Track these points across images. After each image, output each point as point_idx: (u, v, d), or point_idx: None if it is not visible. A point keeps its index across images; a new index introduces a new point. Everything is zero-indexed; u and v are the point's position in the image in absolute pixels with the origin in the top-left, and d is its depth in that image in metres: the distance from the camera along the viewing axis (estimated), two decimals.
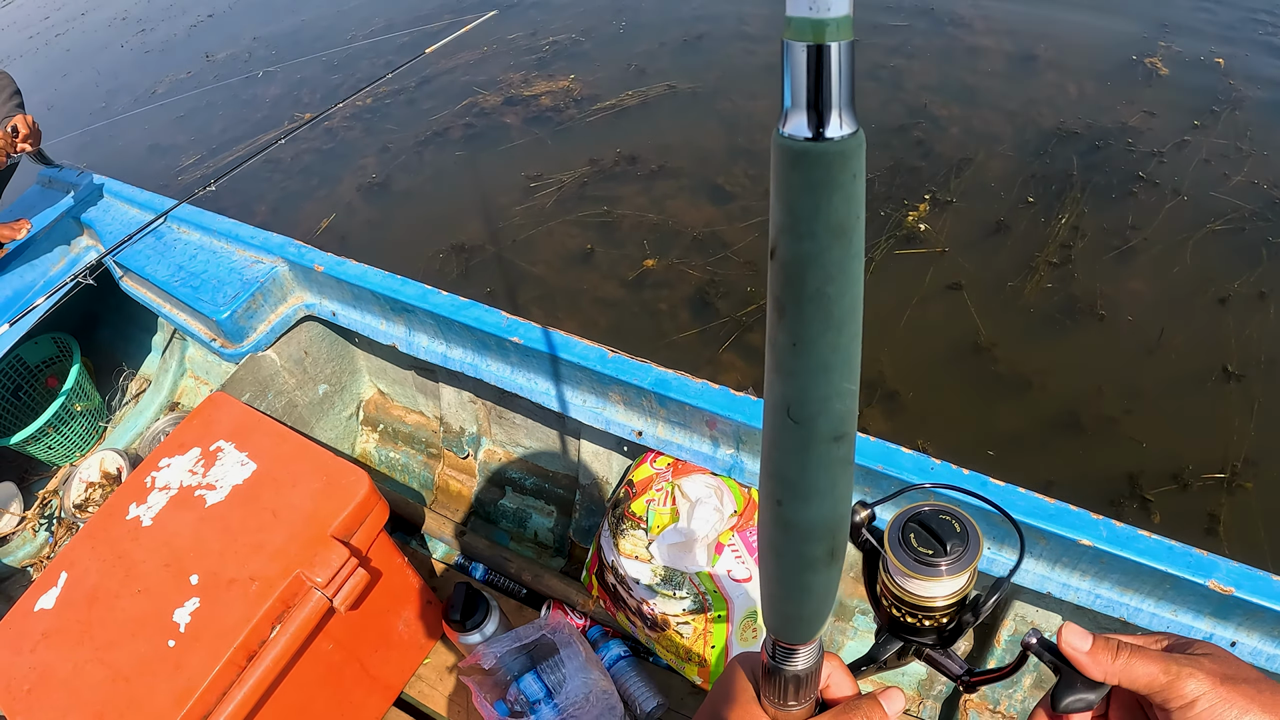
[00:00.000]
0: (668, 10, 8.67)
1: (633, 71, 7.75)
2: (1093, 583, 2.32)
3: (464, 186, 6.85)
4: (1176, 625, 2.26)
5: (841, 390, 0.63)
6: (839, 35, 0.51)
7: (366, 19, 9.97)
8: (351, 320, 3.24)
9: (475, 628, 2.64)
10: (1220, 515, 4.02)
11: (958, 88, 6.95)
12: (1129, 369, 4.61)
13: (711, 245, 5.68)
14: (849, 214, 0.55)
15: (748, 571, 2.58)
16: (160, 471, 2.56)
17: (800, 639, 0.82)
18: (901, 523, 0.97)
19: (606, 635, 2.90)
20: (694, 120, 6.98)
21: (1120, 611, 2.29)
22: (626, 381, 2.61)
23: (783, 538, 0.72)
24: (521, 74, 8.06)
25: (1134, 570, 2.19)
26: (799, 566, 0.74)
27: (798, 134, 0.53)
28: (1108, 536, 2.17)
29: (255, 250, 3.30)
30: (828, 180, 0.53)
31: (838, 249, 0.56)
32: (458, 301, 2.89)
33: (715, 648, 2.61)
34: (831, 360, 0.61)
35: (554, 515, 3.36)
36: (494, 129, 7.38)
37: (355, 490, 2.38)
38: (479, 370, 2.98)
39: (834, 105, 0.52)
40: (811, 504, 0.69)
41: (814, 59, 0.51)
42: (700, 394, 2.51)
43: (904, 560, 0.95)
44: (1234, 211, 5.41)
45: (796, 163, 0.54)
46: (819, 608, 0.78)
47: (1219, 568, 2.11)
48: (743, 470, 2.60)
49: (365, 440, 3.75)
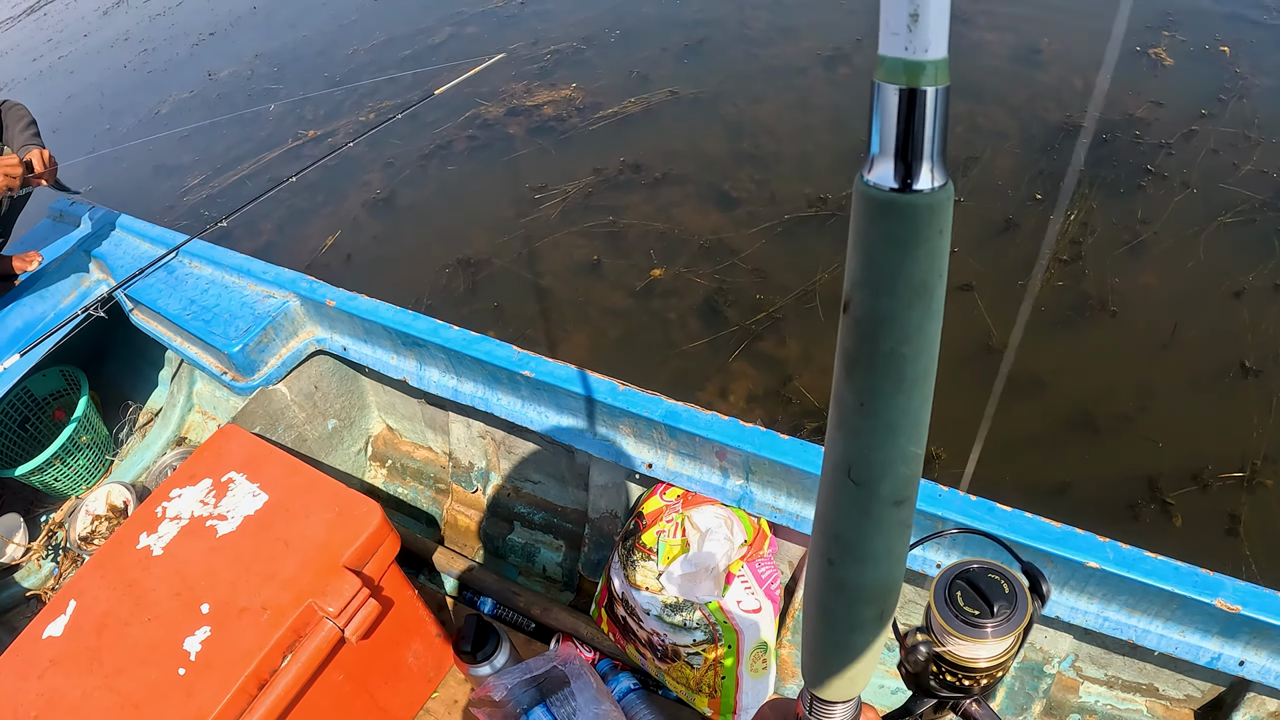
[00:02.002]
0: (668, 16, 8.65)
1: (635, 78, 7.73)
2: (1100, 605, 2.31)
3: (469, 200, 6.85)
4: (1185, 645, 2.26)
5: (907, 454, 0.61)
6: (935, 80, 0.49)
7: (367, 32, 9.97)
8: (363, 355, 3.25)
9: (486, 659, 2.65)
10: (1241, 515, 3.99)
11: (962, 85, 6.92)
12: (1143, 366, 4.59)
13: (719, 253, 5.67)
14: (932, 271, 0.54)
15: (757, 602, 2.58)
16: (171, 502, 2.56)
17: (840, 697, 0.80)
18: (948, 580, 0.97)
19: (616, 668, 2.90)
20: (698, 126, 6.97)
21: (1128, 634, 2.30)
22: (637, 414, 2.61)
23: (833, 597, 0.70)
24: (524, 84, 8.05)
25: (1141, 591, 2.19)
26: (847, 627, 0.72)
27: (883, 183, 0.52)
28: (1114, 558, 2.17)
29: (267, 285, 3.32)
30: (914, 235, 0.52)
31: (918, 308, 0.54)
32: (469, 336, 2.90)
33: (725, 679, 2.61)
34: (900, 423, 0.59)
35: (563, 550, 3.36)
36: (498, 140, 7.37)
37: (368, 521, 2.39)
38: (490, 404, 2.99)
39: (926, 155, 0.51)
40: (866, 567, 0.67)
41: (906, 103, 0.50)
42: (710, 425, 2.52)
43: (949, 619, 0.94)
44: (1244, 202, 5.38)
45: (882, 214, 0.52)
46: (863, 668, 0.76)
47: (1225, 586, 2.12)
48: (752, 500, 2.60)
49: (373, 475, 3.76)
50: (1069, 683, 2.69)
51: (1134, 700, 2.65)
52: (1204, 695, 2.60)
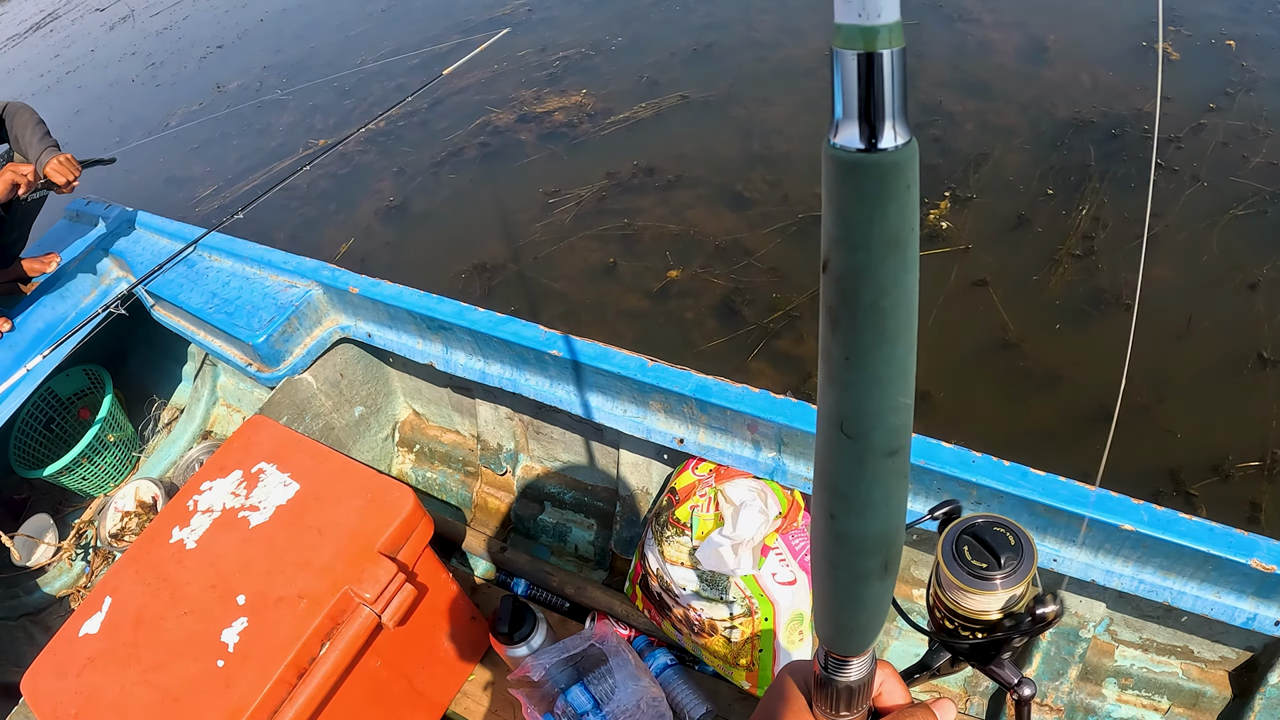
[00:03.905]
0: (676, 21, 8.68)
1: (645, 83, 7.75)
2: (1135, 568, 2.32)
3: (482, 206, 6.85)
4: (1220, 607, 2.26)
5: (896, 404, 0.62)
6: (890, 42, 0.50)
7: (375, 43, 10.00)
8: (387, 341, 3.25)
9: (523, 640, 2.65)
10: (1262, 503, 3.99)
11: (971, 83, 6.94)
12: (1159, 359, 4.59)
13: (734, 253, 5.67)
14: (903, 225, 0.54)
15: (792, 574, 2.58)
16: (202, 495, 2.57)
17: (853, 650, 0.82)
18: (954, 535, 0.98)
19: (652, 644, 2.90)
20: (709, 129, 6.98)
21: (1164, 596, 2.30)
22: (667, 389, 2.61)
23: (836, 550, 0.72)
24: (533, 90, 8.07)
25: (1175, 553, 2.20)
26: (853, 579, 0.73)
27: (849, 145, 0.52)
28: (1149, 520, 2.17)
29: (288, 275, 3.32)
30: (882, 192, 0.53)
31: (892, 261, 0.55)
32: (494, 317, 2.90)
33: (763, 651, 2.61)
34: (886, 374, 0.60)
35: (594, 528, 3.35)
36: (509, 147, 7.39)
37: (400, 506, 2.39)
38: (517, 385, 2.99)
39: (887, 114, 0.51)
40: (866, 518, 0.68)
41: (864, 67, 0.51)
42: (741, 398, 2.52)
43: (957, 573, 0.96)
44: (1255, 195, 5.39)
45: (849, 174, 0.53)
46: (872, 620, 0.78)
47: (1260, 547, 2.12)
48: (785, 473, 2.60)
49: (402, 461, 3.76)
50: (1104, 647, 2.70)
51: (1169, 663, 2.66)
52: (1238, 657, 2.61)
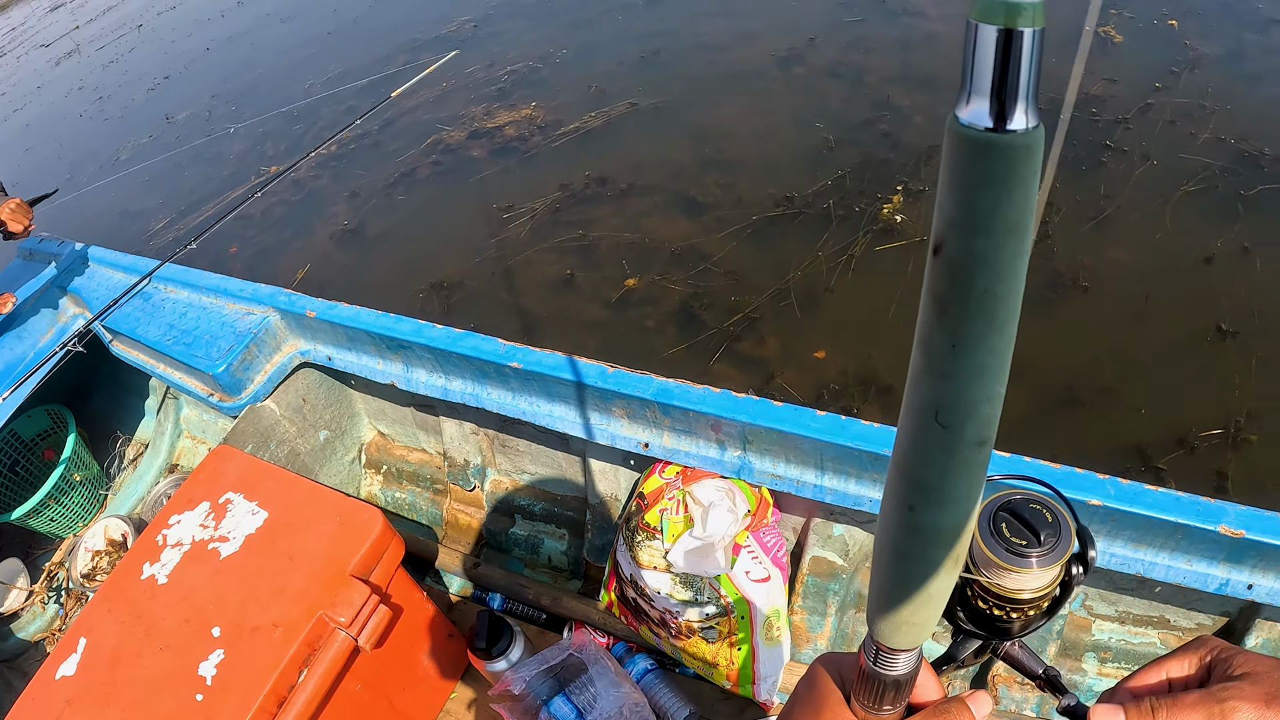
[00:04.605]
0: (623, 29, 8.71)
1: (594, 93, 7.78)
2: (1106, 542, 2.34)
3: (437, 224, 6.86)
4: (1192, 575, 2.29)
5: (992, 394, 0.61)
6: (1033, 21, 0.49)
7: (323, 67, 9.99)
8: (348, 363, 3.24)
9: (501, 654, 2.64)
10: (1228, 472, 4.07)
11: (918, 76, 7.00)
12: (1120, 338, 4.64)
13: (691, 258, 5.70)
14: (1027, 210, 0.53)
15: (765, 571, 2.60)
16: (171, 529, 2.55)
17: (908, 644, 0.80)
18: (991, 512, 0.96)
19: (631, 650, 2.90)
20: (660, 135, 7.02)
21: (1136, 568, 2.32)
22: (629, 394, 2.62)
23: (910, 542, 0.71)
24: (483, 106, 8.08)
25: (1144, 524, 2.22)
26: (924, 572, 0.72)
27: (977, 122, 0.51)
28: (1116, 494, 2.20)
29: (245, 302, 3.31)
30: (1010, 175, 0.51)
31: (1011, 247, 0.54)
32: (453, 333, 2.90)
33: (741, 650, 2.62)
34: (989, 363, 0.59)
35: (566, 538, 3.35)
36: (461, 164, 7.40)
37: (370, 528, 2.39)
38: (480, 399, 2.99)
39: (1022, 95, 0.51)
40: (947, 509, 0.67)
41: (1003, 44, 0.49)
42: (703, 399, 2.53)
43: (995, 551, 0.93)
44: (1205, 170, 5.46)
45: (979, 154, 0.51)
46: (933, 613, 0.77)
47: (1227, 513, 2.15)
48: (752, 470, 2.61)
49: (370, 483, 3.74)
50: (1081, 622, 2.73)
51: (1146, 633, 2.70)
52: (1214, 623, 2.64)
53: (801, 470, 2.58)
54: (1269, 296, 4.73)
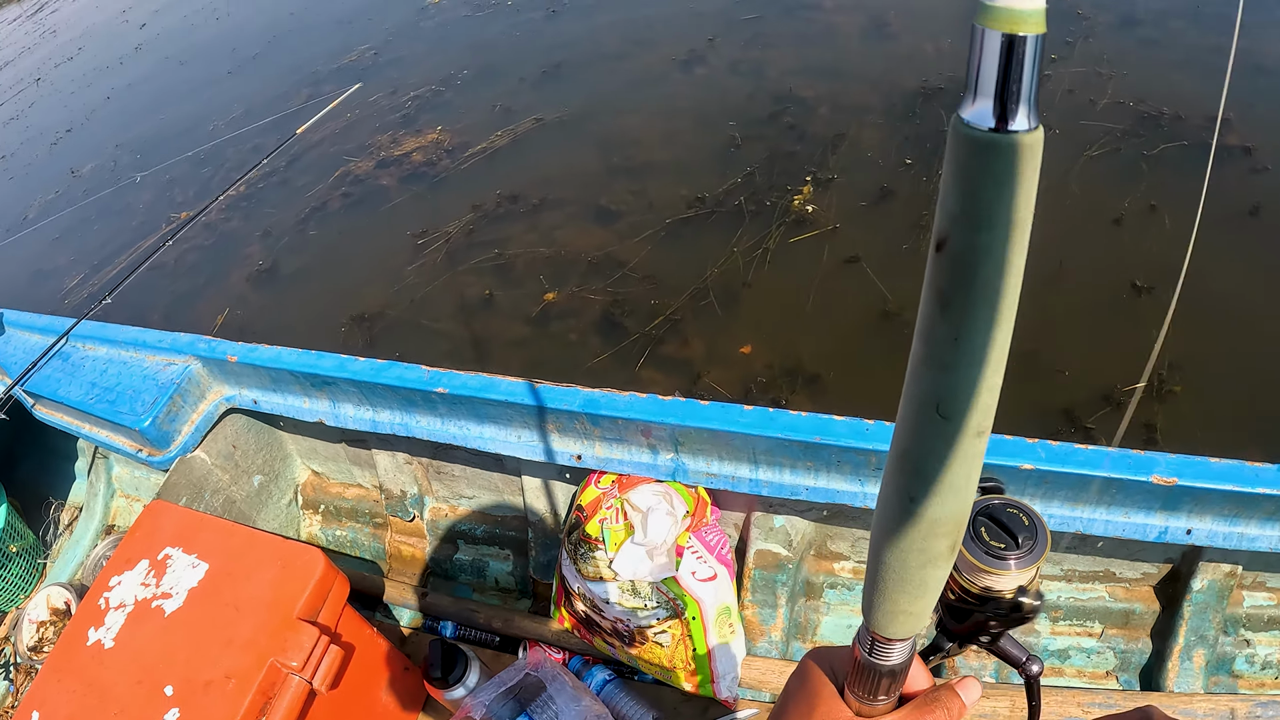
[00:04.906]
0: (523, 45, 8.73)
1: (499, 111, 7.79)
2: (1042, 505, 2.38)
3: (353, 257, 6.82)
4: (1131, 527, 2.34)
5: (992, 385, 0.63)
6: (1035, 27, 0.51)
7: (226, 107, 9.89)
8: (274, 405, 3.22)
9: (458, 682, 2.64)
10: (1156, 423, 4.17)
11: (819, 67, 7.09)
12: (1039, 305, 4.71)
13: (607, 267, 5.73)
14: (1026, 207, 0.56)
15: (711, 570, 2.62)
16: (112, 591, 2.53)
17: (904, 633, 0.82)
18: (971, 516, 0.98)
19: (588, 663, 2.91)
20: (568, 148, 7.05)
21: (1075, 526, 2.37)
22: (556, 408, 2.63)
23: (910, 533, 0.72)
24: (389, 134, 8.05)
25: (1078, 483, 2.27)
26: (922, 562, 0.74)
27: (980, 123, 0.54)
28: (1046, 456, 2.24)
29: (165, 353, 3.27)
30: (1012, 173, 0.54)
31: (1013, 241, 0.57)
32: (376, 365, 2.89)
33: (697, 650, 2.64)
34: (990, 355, 0.62)
35: (511, 558, 3.35)
36: (372, 194, 7.37)
37: (313, 569, 2.38)
38: (410, 429, 2.97)
39: (1024, 97, 0.53)
40: (947, 500, 0.69)
41: (1007, 49, 0.52)
42: (630, 406, 2.55)
43: (976, 555, 0.97)
44: (1107, 134, 5.58)
45: (981, 152, 0.54)
46: (929, 602, 0.79)
47: (1157, 462, 2.20)
48: (686, 471, 2.64)
49: (309, 523, 3.72)
50: None
51: (1094, 588, 2.75)
52: (1160, 571, 2.71)
53: (735, 466, 2.60)
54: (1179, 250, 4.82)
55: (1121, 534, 2.36)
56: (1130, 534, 2.36)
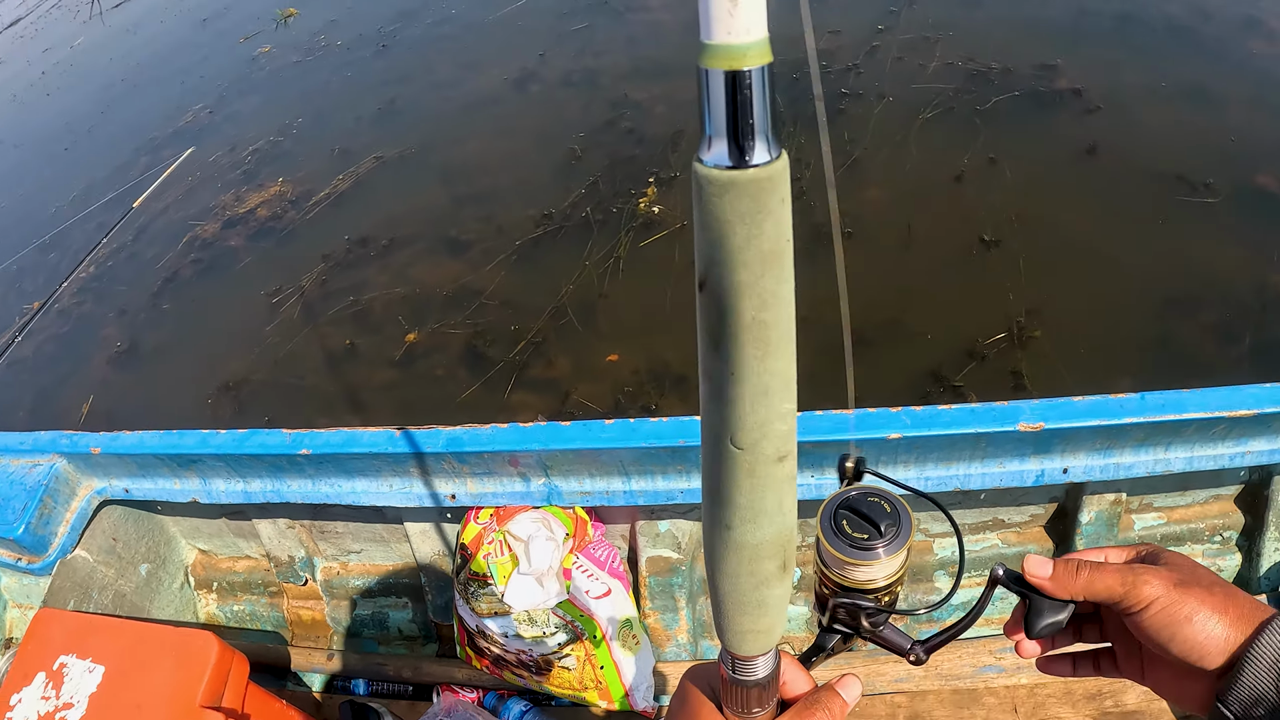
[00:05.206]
0: (355, 85, 8.66)
1: (338, 155, 7.71)
2: (917, 470, 2.44)
3: (211, 325, 6.69)
4: (1008, 475, 2.40)
5: (782, 412, 0.64)
6: (758, 59, 0.51)
7: (66, 186, 9.59)
8: (146, 491, 3.16)
9: None
10: (1021, 370, 4.30)
11: (652, 68, 7.16)
12: (893, 271, 4.84)
13: (464, 298, 5.73)
14: (780, 238, 0.56)
15: (605, 585, 2.67)
16: (14, 710, 2.48)
17: (759, 650, 0.82)
18: (831, 511, 0.98)
19: (503, 697, 2.92)
20: (410, 183, 7.02)
21: (953, 484, 2.43)
22: (422, 452, 2.64)
23: (736, 559, 0.72)
24: (232, 193, 7.90)
25: (948, 443, 2.33)
26: (754, 584, 0.74)
27: (720, 163, 0.53)
28: (912, 423, 2.29)
29: (28, 455, 3.19)
30: (758, 207, 0.54)
31: (771, 276, 0.57)
32: (238, 435, 2.86)
33: (605, 667, 2.67)
34: (771, 385, 0.62)
35: (409, 606, 3.35)
36: (222, 257, 7.23)
37: (206, 653, 2.36)
38: (282, 494, 2.95)
39: (758, 131, 0.53)
40: (762, 524, 0.69)
41: (732, 85, 0.52)
42: (493, 438, 2.57)
43: (840, 549, 0.95)
44: (939, 96, 5.74)
45: (724, 192, 0.54)
46: (776, 619, 0.79)
47: (1021, 410, 2.26)
48: (560, 494, 2.66)
49: (205, 604, 3.66)
50: (921, 546, 2.87)
51: (986, 538, 2.83)
52: (1046, 511, 2.79)
53: (608, 481, 2.63)
54: (1021, 198, 4.98)
55: (1000, 484, 2.42)
56: (1009, 482, 2.42)
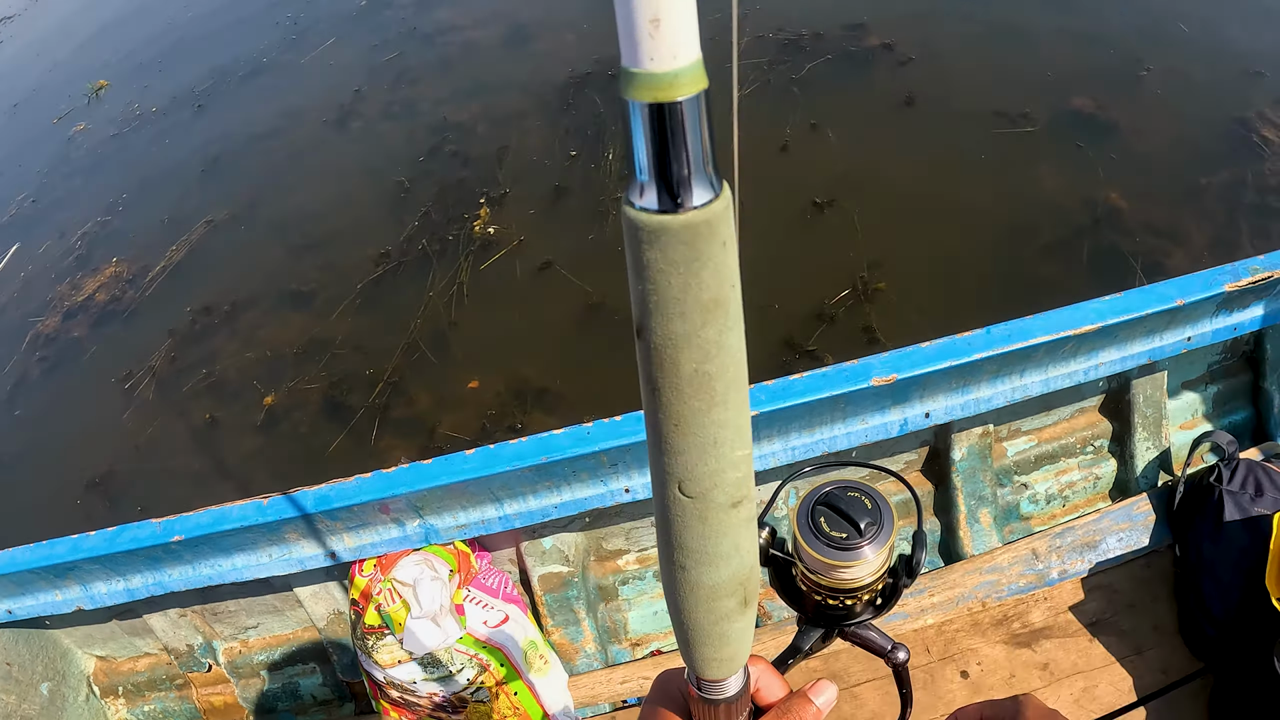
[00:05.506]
0: (173, 147, 8.46)
1: (168, 225, 7.53)
2: (783, 442, 2.52)
3: (67, 424, 6.49)
4: (873, 430, 2.50)
5: (735, 459, 0.60)
6: (689, 87, 0.46)
7: None
8: (28, 608, 3.12)
9: None
10: (871, 324, 4.43)
11: (468, 87, 7.18)
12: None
13: (316, 351, 5.69)
14: (723, 284, 0.51)
15: (501, 613, 2.71)
16: None
17: (725, 674, 0.78)
18: (808, 509, 0.95)
19: None
20: (244, 242, 6.93)
21: (822, 448, 2.51)
22: (292, 516, 2.63)
23: (694, 598, 0.69)
24: (68, 282, 7.65)
25: (805, 411, 2.40)
26: (714, 620, 0.71)
27: (651, 206, 0.48)
28: (768, 397, 2.36)
29: None
30: (694, 255, 0.49)
31: (714, 325, 0.52)
32: (108, 533, 2.83)
33: (519, 694, 2.71)
34: (720, 435, 0.57)
35: (317, 670, 3.34)
36: (67, 351, 7.03)
37: None
38: (165, 584, 2.94)
39: (692, 169, 0.48)
40: (719, 567, 0.66)
41: (659, 119, 0.46)
42: (357, 490, 2.58)
43: (819, 549, 0.93)
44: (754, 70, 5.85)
45: (656, 239, 0.49)
46: (739, 647, 0.76)
47: (873, 366, 2.35)
48: (437, 532, 2.70)
49: (115, 711, 3.58)
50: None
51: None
52: (920, 455, 2.91)
53: (481, 510, 2.67)
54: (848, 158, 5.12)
55: (867, 439, 2.51)
56: (875, 436, 2.51)
